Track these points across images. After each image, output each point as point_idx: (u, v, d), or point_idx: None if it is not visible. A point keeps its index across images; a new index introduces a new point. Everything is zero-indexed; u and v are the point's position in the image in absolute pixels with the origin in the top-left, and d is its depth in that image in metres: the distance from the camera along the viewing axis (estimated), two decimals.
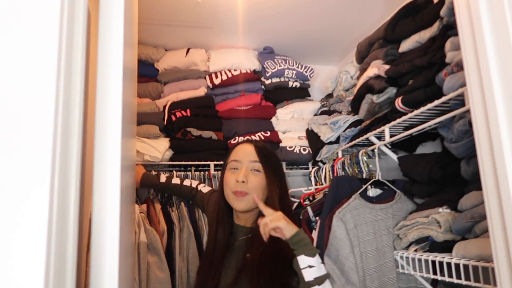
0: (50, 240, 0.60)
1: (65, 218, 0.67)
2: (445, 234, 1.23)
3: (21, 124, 0.60)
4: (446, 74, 1.26)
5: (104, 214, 0.80)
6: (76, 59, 0.72)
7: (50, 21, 0.65)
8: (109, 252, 0.78)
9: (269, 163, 1.34)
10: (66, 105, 0.67)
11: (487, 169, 0.88)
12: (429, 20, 1.44)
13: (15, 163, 0.59)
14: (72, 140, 0.70)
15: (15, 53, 0.62)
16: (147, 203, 1.83)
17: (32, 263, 0.57)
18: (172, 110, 2.17)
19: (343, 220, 1.35)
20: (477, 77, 0.89)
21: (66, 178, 0.68)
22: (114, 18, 0.85)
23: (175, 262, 1.64)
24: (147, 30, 2.18)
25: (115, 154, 0.82)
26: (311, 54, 2.60)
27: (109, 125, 0.82)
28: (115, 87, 0.84)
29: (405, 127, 1.57)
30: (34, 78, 0.62)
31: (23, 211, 0.58)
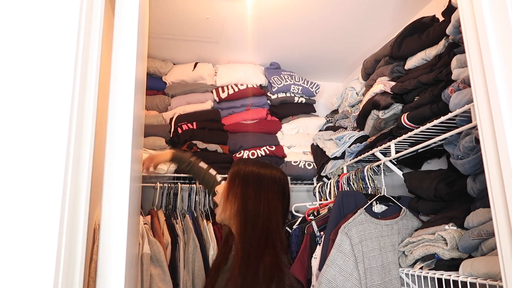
0: (60, 251, 0.60)
1: (75, 227, 0.68)
2: (451, 251, 1.22)
3: (36, 135, 0.62)
4: (452, 91, 1.27)
5: (112, 225, 0.80)
6: (91, 72, 0.74)
7: (67, 34, 0.66)
8: (115, 263, 0.78)
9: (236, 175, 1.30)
10: (80, 116, 0.68)
11: (495, 186, 0.88)
12: (435, 38, 1.46)
13: (29, 173, 0.60)
14: (84, 151, 0.71)
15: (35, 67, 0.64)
16: (151, 214, 1.83)
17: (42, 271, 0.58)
18: (178, 123, 2.19)
19: (349, 234, 1.34)
20: (484, 94, 0.90)
21: (77, 188, 0.69)
22: (128, 33, 0.87)
23: (178, 275, 1.63)
24: (156, 44, 2.21)
25: (125, 166, 0.82)
26: (317, 71, 2.63)
27: (120, 136, 0.83)
28: (126, 100, 0.85)
29: (411, 144, 1.58)
30: (50, 90, 0.64)
31: (35, 219, 0.59)
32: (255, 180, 1.30)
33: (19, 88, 0.62)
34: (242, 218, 1.23)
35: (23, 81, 0.63)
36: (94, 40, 0.75)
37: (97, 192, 0.86)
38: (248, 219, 1.23)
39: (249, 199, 1.26)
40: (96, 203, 1.13)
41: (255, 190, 1.28)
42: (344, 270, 1.30)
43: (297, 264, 1.47)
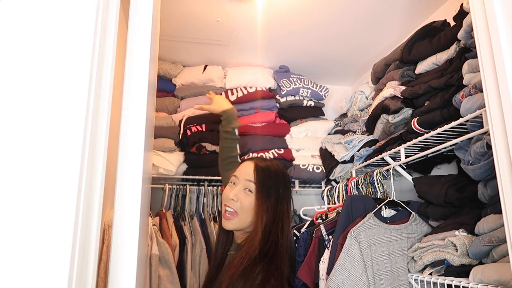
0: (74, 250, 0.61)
1: (88, 227, 0.68)
2: (461, 257, 1.21)
3: (53, 136, 0.63)
4: (464, 96, 1.26)
5: (124, 225, 0.81)
6: (105, 75, 0.75)
7: (84, 39, 0.68)
8: (127, 264, 0.79)
9: (264, 185, 1.30)
10: (94, 118, 0.69)
11: (507, 192, 0.87)
12: (446, 43, 1.45)
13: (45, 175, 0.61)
14: (98, 152, 0.72)
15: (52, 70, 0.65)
16: (160, 216, 1.84)
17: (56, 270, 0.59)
18: (187, 125, 2.21)
19: (357, 239, 1.34)
20: (496, 99, 0.90)
21: (91, 189, 0.70)
22: (142, 37, 0.88)
23: (186, 276, 1.64)
24: (167, 46, 2.23)
25: (138, 168, 0.83)
26: (326, 74, 2.63)
27: (133, 138, 0.84)
28: (139, 103, 0.86)
29: (421, 148, 1.57)
30: (66, 92, 0.65)
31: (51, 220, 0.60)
32: (278, 188, 1.33)
33: (36, 91, 0.64)
34: (263, 229, 1.24)
35: (40, 83, 0.64)
36: (109, 44, 0.76)
37: (106, 193, 0.87)
38: (263, 233, 1.24)
39: (270, 214, 1.28)
40: (105, 204, 1.14)
41: (277, 202, 1.31)
42: (353, 274, 1.30)
43: (305, 268, 1.46)
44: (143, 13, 0.89)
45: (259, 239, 1.23)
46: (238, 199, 1.29)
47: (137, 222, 0.81)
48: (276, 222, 1.28)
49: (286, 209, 1.33)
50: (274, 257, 1.22)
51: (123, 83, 0.86)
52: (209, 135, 2.19)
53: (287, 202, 1.34)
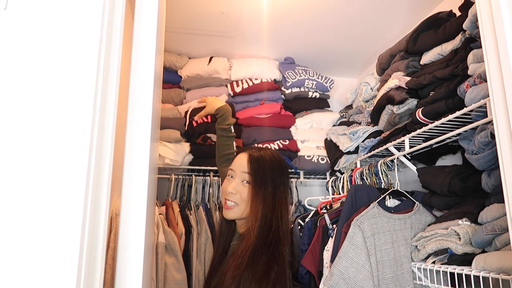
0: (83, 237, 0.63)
1: (96, 216, 0.70)
2: (464, 246, 1.23)
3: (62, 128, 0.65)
4: (468, 86, 1.26)
5: (131, 214, 0.83)
6: (112, 67, 0.76)
7: (91, 31, 0.69)
8: (134, 251, 0.81)
9: (258, 175, 1.31)
10: (102, 109, 0.71)
11: (509, 181, 0.88)
12: (451, 33, 1.45)
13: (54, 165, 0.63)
14: (106, 143, 0.74)
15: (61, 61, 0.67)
16: (166, 205, 1.87)
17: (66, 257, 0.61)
18: (193, 116, 2.22)
19: (361, 227, 1.35)
20: (500, 89, 0.90)
21: (99, 178, 0.71)
22: (147, 31, 0.90)
23: (192, 264, 1.67)
24: (172, 38, 2.24)
25: (144, 158, 0.85)
26: (331, 66, 2.63)
27: (139, 129, 0.86)
28: (146, 94, 0.88)
29: (425, 139, 1.57)
30: (74, 85, 0.67)
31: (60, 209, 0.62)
32: (275, 175, 1.33)
33: (45, 83, 0.65)
34: (261, 217, 1.26)
35: (48, 76, 0.66)
36: (116, 37, 0.77)
37: (114, 182, 0.88)
38: (263, 222, 1.26)
39: (268, 202, 1.29)
40: (112, 193, 1.17)
41: (274, 190, 1.31)
42: (356, 262, 1.31)
43: (309, 256, 1.49)
44: (149, 5, 0.90)
45: (260, 227, 1.24)
46: (237, 191, 1.31)
47: (144, 210, 0.83)
48: (276, 209, 1.29)
49: (283, 196, 1.33)
50: (276, 245, 1.24)
51: (129, 75, 0.88)
52: (214, 126, 2.20)
53: (284, 189, 1.35)
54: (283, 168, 1.39)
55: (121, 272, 0.79)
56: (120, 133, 0.87)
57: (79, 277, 0.62)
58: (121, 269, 0.79)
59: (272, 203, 1.29)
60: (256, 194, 1.29)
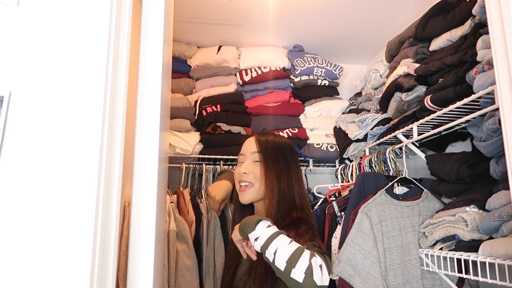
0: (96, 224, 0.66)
1: (109, 203, 0.73)
2: (471, 233, 1.23)
3: (73, 118, 0.67)
4: (477, 72, 1.25)
5: (142, 202, 0.85)
6: (121, 57, 0.78)
7: (100, 21, 0.71)
8: (146, 238, 0.84)
9: (267, 152, 1.30)
10: (112, 100, 0.73)
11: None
12: (460, 19, 1.43)
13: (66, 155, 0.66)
14: (116, 134, 0.76)
15: (68, 57, 0.69)
16: (177, 194, 1.91)
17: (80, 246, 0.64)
18: (203, 105, 2.24)
19: (368, 214, 1.37)
20: (507, 75, 0.90)
21: (111, 168, 0.74)
22: (155, 18, 0.91)
23: (202, 251, 1.71)
24: (181, 28, 2.25)
25: (154, 147, 0.87)
26: (340, 53, 2.61)
27: (149, 119, 0.88)
28: (155, 84, 0.89)
29: (434, 126, 1.57)
30: (85, 76, 0.69)
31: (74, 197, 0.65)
32: (284, 153, 1.32)
33: (57, 75, 0.68)
34: (277, 197, 1.24)
35: (60, 67, 0.68)
36: (124, 27, 0.79)
37: (126, 172, 0.91)
38: (284, 197, 1.24)
39: (283, 176, 1.27)
40: (125, 182, 1.20)
41: (287, 165, 1.29)
42: (364, 248, 1.33)
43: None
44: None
45: (279, 203, 1.23)
46: (249, 171, 1.30)
47: (154, 199, 0.86)
48: (293, 185, 1.28)
49: (297, 173, 1.32)
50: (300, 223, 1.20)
51: (138, 65, 0.90)
52: (224, 115, 2.22)
53: (297, 168, 1.33)
54: (292, 148, 1.38)
55: (134, 258, 0.82)
56: (130, 123, 0.90)
57: (93, 264, 0.65)
58: (134, 256, 0.82)
59: (288, 179, 1.28)
60: (268, 170, 1.27)
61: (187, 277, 1.60)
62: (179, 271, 1.61)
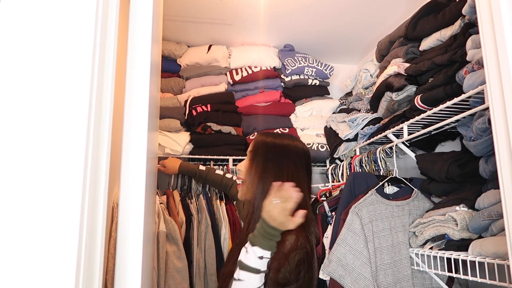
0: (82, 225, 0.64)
1: (95, 205, 0.71)
2: (461, 232, 1.24)
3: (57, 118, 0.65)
4: (467, 72, 1.26)
5: (130, 204, 0.83)
6: (108, 56, 0.76)
7: (84, 20, 0.69)
8: (133, 240, 0.82)
9: (258, 151, 1.27)
10: (98, 100, 0.71)
11: (504, 167, 0.88)
12: (450, 18, 1.43)
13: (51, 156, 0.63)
14: (103, 134, 0.74)
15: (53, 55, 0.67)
16: (167, 195, 1.89)
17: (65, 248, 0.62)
18: (193, 105, 2.23)
19: (359, 214, 1.37)
20: (496, 75, 0.90)
21: (97, 169, 0.72)
22: (143, 17, 0.89)
23: (192, 252, 1.69)
24: (171, 27, 2.23)
25: (142, 147, 0.85)
26: (331, 53, 2.61)
27: (136, 119, 0.86)
28: (143, 83, 0.87)
29: (424, 126, 1.57)
30: (70, 74, 0.67)
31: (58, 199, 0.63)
32: (277, 152, 1.27)
33: (40, 73, 0.66)
34: (257, 195, 1.20)
35: (44, 66, 0.66)
36: (111, 25, 0.77)
37: (114, 172, 0.89)
38: (262, 197, 1.18)
39: (270, 174, 1.22)
40: (113, 183, 1.18)
41: (277, 163, 1.25)
42: (354, 248, 1.33)
43: None
44: None
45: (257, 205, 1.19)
46: (243, 169, 1.29)
47: (142, 200, 0.84)
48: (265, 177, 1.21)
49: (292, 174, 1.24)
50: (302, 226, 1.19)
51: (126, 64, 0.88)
52: (214, 115, 2.21)
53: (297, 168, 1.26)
54: (292, 150, 1.29)
55: (121, 261, 0.80)
56: (119, 123, 0.88)
57: (79, 266, 0.63)
58: (121, 258, 0.80)
59: (275, 178, 1.20)
60: (253, 169, 1.24)
61: (177, 279, 1.59)
62: (169, 272, 1.59)
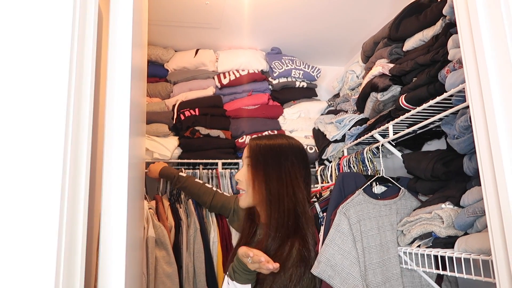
0: (61, 236, 0.62)
1: (75, 213, 0.70)
2: (447, 229, 1.25)
3: (33, 125, 0.63)
4: (448, 71, 1.27)
5: (112, 209, 0.82)
6: (87, 60, 0.76)
7: (62, 24, 0.69)
8: (116, 246, 0.81)
9: (255, 156, 1.29)
10: (77, 105, 0.70)
11: (485, 165, 0.90)
12: (432, 19, 1.45)
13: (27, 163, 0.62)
14: (82, 140, 0.73)
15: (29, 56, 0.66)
16: (156, 200, 1.88)
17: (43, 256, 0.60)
18: (181, 109, 2.22)
19: (347, 214, 1.37)
20: (475, 73, 0.91)
21: (76, 176, 0.71)
22: (123, 21, 0.89)
23: (182, 257, 1.69)
24: (157, 31, 2.23)
25: (123, 152, 0.85)
26: (318, 55, 2.63)
27: (118, 124, 0.85)
28: (123, 87, 0.87)
29: (410, 125, 1.59)
30: (46, 80, 0.66)
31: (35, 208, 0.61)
32: (274, 154, 1.29)
33: (18, 79, 0.65)
34: (268, 201, 1.24)
35: (22, 68, 0.65)
36: (89, 31, 0.77)
37: (101, 180, 0.88)
38: (273, 202, 1.23)
39: (273, 177, 1.25)
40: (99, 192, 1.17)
41: (277, 168, 1.27)
42: (343, 249, 1.33)
43: None
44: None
45: (269, 206, 1.22)
46: (242, 178, 1.31)
47: (124, 207, 0.82)
48: (284, 187, 1.24)
49: (290, 174, 1.27)
50: (297, 224, 1.21)
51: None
52: (202, 119, 2.21)
53: (294, 169, 1.29)
54: (288, 150, 1.32)
55: (104, 268, 0.79)
56: (101, 129, 0.87)
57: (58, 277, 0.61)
58: (104, 266, 0.79)
59: (279, 183, 1.25)
60: (256, 175, 1.26)
61: (167, 284, 1.58)
62: (158, 278, 1.58)
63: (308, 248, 1.23)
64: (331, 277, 1.30)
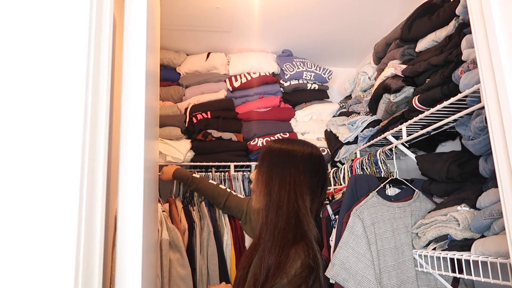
0: (79, 237, 0.64)
1: (93, 216, 0.71)
2: (463, 232, 1.23)
3: (52, 129, 0.65)
4: (462, 72, 1.26)
5: (128, 212, 0.84)
6: (103, 66, 0.77)
7: (78, 31, 0.70)
8: (132, 249, 0.82)
9: (263, 160, 1.31)
10: (94, 110, 0.72)
11: (502, 166, 0.88)
12: (445, 19, 1.44)
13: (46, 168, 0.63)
14: (99, 143, 0.74)
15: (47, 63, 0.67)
16: (169, 202, 1.89)
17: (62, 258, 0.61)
18: (193, 113, 2.24)
19: (361, 217, 1.36)
20: (490, 73, 0.90)
21: (94, 179, 0.72)
22: (137, 27, 0.90)
23: (195, 260, 1.70)
24: (169, 36, 2.25)
25: (139, 156, 0.86)
26: (329, 57, 2.62)
27: (133, 128, 0.87)
28: (138, 92, 0.88)
29: (423, 126, 1.57)
30: (64, 86, 0.67)
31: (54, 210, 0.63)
32: (281, 159, 1.30)
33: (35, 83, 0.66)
34: (267, 204, 1.25)
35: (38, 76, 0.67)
36: (105, 35, 0.78)
37: (116, 182, 0.90)
38: (273, 205, 1.24)
39: (276, 182, 1.26)
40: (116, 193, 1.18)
41: (281, 172, 1.27)
42: (357, 251, 1.32)
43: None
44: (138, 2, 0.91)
45: (266, 215, 1.24)
46: (254, 179, 1.34)
47: (141, 209, 0.84)
48: (285, 195, 1.25)
49: (295, 179, 1.28)
50: (298, 227, 1.22)
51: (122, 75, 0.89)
52: (214, 121, 2.22)
53: (300, 175, 1.30)
54: (296, 154, 1.33)
55: (121, 270, 0.80)
56: (116, 133, 0.88)
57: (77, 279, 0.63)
58: (121, 268, 0.80)
59: (280, 188, 1.26)
60: (260, 177, 1.29)
61: (181, 286, 1.59)
62: (172, 280, 1.59)
63: (315, 255, 1.22)
64: (346, 280, 1.29)
